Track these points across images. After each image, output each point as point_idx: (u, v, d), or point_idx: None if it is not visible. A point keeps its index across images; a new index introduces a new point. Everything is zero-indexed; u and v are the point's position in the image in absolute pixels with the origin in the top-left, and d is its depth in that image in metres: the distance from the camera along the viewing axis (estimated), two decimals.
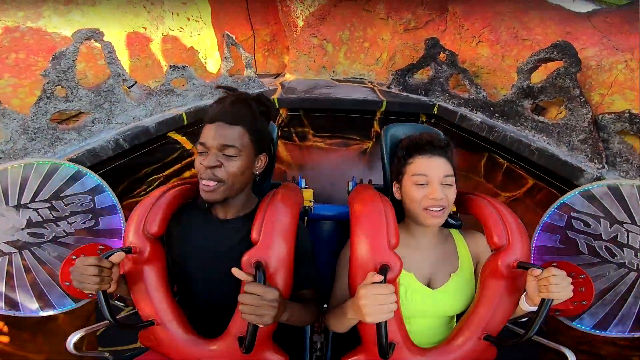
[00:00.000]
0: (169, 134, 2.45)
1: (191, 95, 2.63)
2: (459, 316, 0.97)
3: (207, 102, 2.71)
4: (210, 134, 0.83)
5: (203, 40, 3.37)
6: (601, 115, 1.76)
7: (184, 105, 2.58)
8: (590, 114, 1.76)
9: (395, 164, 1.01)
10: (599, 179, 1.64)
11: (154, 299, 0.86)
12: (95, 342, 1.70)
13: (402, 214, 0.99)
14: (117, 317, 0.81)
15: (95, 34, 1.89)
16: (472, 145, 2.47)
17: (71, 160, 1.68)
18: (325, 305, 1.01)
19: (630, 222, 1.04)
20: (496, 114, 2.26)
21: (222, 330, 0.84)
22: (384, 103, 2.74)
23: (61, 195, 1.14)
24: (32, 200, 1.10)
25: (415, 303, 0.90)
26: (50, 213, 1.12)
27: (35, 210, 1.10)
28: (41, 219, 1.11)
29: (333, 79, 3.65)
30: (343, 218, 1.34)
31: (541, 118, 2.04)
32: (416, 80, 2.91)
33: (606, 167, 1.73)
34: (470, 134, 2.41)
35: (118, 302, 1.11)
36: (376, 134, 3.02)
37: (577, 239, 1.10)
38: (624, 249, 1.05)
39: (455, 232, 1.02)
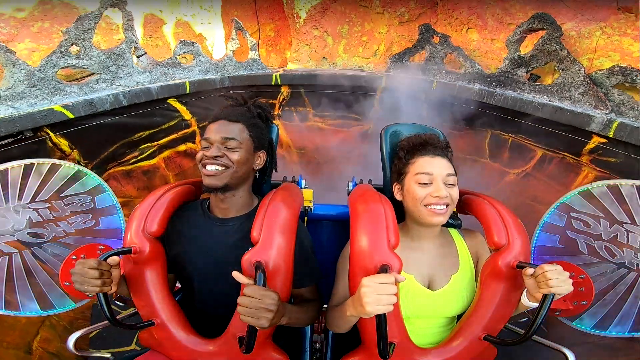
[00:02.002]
0: (169, 101, 2.59)
1: (196, 70, 2.86)
2: (459, 316, 0.97)
3: (211, 76, 2.97)
4: (214, 129, 0.91)
5: (212, 29, 3.72)
6: (593, 73, 1.90)
7: (189, 78, 2.77)
8: (583, 69, 1.89)
9: (395, 165, 1.01)
10: (610, 122, 1.71)
11: (154, 299, 0.86)
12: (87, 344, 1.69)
13: (402, 215, 0.99)
14: (117, 317, 0.81)
15: (120, 2, 2.14)
16: (474, 120, 2.56)
17: (66, 106, 1.81)
18: (325, 306, 1.01)
19: (630, 222, 1.04)
20: (493, 84, 2.42)
21: (222, 330, 0.84)
22: (384, 78, 2.96)
23: (61, 195, 1.14)
24: (32, 200, 1.10)
25: (415, 304, 0.90)
26: (50, 213, 1.12)
27: (35, 210, 1.10)
28: (41, 219, 1.11)
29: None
30: (343, 218, 1.34)
31: (538, 83, 2.18)
32: (413, 63, 3.12)
33: (614, 113, 1.78)
34: (473, 105, 2.54)
35: (118, 302, 1.11)
36: (377, 115, 3.14)
37: (577, 239, 1.10)
38: (624, 249, 1.05)
39: (454, 232, 1.01)
